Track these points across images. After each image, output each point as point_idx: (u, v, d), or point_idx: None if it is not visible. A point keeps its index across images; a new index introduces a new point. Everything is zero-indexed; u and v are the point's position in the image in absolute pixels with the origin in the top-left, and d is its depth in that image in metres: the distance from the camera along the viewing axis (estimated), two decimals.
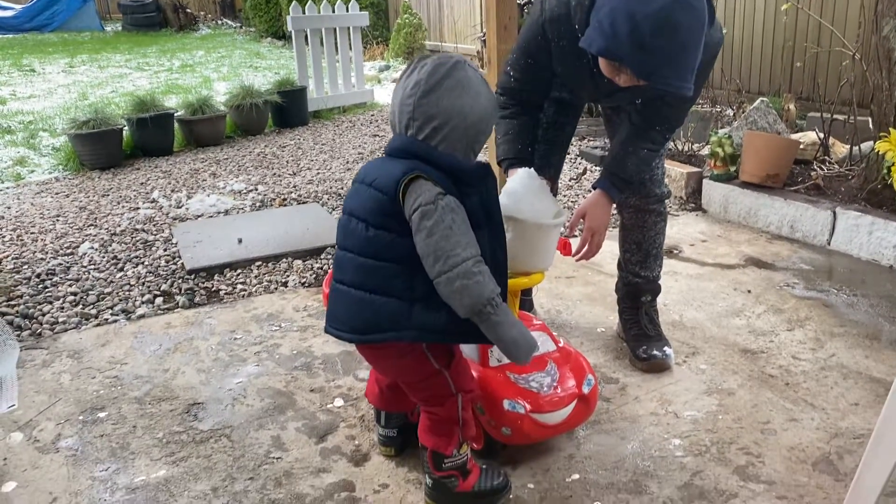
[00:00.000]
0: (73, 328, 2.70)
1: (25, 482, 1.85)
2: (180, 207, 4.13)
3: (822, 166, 3.79)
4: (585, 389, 1.83)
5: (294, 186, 4.49)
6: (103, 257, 3.37)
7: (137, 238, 3.62)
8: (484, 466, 1.76)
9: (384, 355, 1.65)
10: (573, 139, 5.45)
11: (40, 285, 3.06)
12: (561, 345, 1.94)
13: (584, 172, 4.60)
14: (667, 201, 2.34)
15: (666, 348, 2.32)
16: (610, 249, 2.46)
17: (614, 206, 2.15)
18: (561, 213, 1.91)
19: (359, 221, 1.56)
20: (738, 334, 2.52)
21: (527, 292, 2.58)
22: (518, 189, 1.88)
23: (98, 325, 2.72)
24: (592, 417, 1.99)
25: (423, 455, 1.70)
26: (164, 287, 3.02)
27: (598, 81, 1.91)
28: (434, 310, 1.51)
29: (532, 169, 1.96)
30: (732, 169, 3.77)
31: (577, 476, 1.81)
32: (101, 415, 2.14)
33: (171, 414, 2.14)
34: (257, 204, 4.16)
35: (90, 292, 2.97)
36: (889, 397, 1.47)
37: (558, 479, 1.80)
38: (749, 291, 2.86)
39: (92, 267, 3.27)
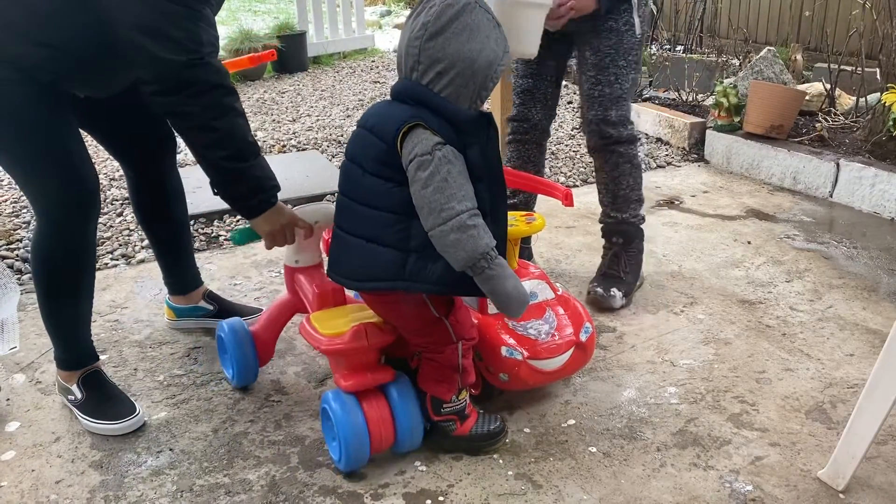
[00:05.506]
0: None
1: (28, 422, 1.88)
2: (179, 153, 4.08)
3: (828, 118, 3.75)
4: (583, 337, 1.84)
5: (293, 133, 4.45)
6: (102, 202, 3.36)
7: None
8: (481, 411, 1.78)
9: (384, 301, 1.65)
10: (573, 91, 5.30)
11: None
12: (559, 293, 1.95)
13: None
14: (637, 145, 2.35)
15: (614, 289, 2.34)
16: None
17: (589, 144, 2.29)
18: None
19: (357, 167, 1.55)
20: (736, 285, 2.52)
21: (526, 241, 2.57)
22: None
23: (98, 269, 2.72)
24: (589, 365, 2.01)
25: (421, 400, 1.72)
26: None
27: None
28: (430, 261, 1.50)
29: None
30: (736, 119, 3.73)
31: (572, 422, 1.84)
32: (103, 357, 2.15)
33: (171, 357, 2.16)
34: None
35: None
36: (884, 348, 1.48)
37: (554, 425, 1.83)
38: (749, 243, 2.86)
39: None
